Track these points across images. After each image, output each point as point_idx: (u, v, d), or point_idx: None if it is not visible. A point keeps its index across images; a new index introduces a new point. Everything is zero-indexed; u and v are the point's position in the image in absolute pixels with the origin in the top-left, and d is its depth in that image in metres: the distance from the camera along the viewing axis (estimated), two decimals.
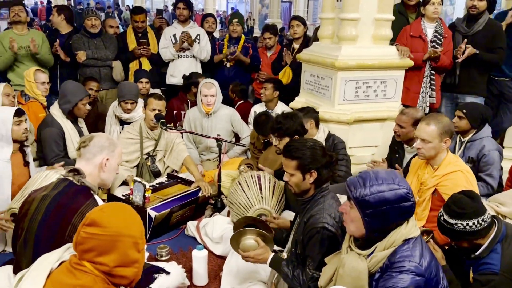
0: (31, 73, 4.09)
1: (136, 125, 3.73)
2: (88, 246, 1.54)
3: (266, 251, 2.23)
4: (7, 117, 2.86)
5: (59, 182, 2.12)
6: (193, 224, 3.22)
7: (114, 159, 2.23)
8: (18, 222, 2.14)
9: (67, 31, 4.93)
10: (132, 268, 1.60)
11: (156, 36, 5.17)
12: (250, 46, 5.16)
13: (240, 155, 4.33)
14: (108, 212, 1.60)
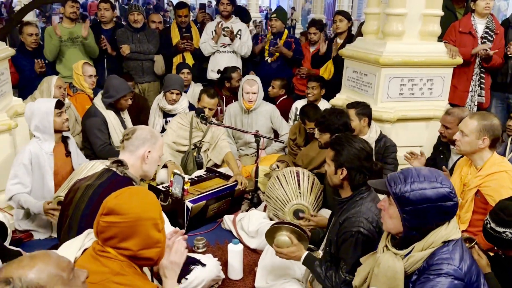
0: (79, 66, 4.26)
1: (188, 115, 3.83)
2: (109, 234, 1.56)
3: (299, 250, 2.21)
4: (49, 109, 2.94)
5: (103, 172, 2.19)
6: (230, 218, 3.25)
7: (156, 152, 2.27)
8: (63, 209, 2.24)
9: (111, 26, 5.09)
10: (155, 249, 1.61)
11: (199, 31, 5.23)
12: (292, 40, 5.11)
13: (278, 151, 4.31)
14: (124, 199, 1.60)
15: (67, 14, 4.72)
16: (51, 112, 2.94)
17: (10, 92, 3.53)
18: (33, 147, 2.96)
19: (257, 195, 3.53)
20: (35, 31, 4.62)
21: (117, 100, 3.67)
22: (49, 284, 1.18)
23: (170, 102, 4.15)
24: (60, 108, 3.02)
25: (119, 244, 1.56)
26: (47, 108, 2.94)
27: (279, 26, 5.09)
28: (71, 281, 1.24)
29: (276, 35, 5.09)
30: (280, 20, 5.09)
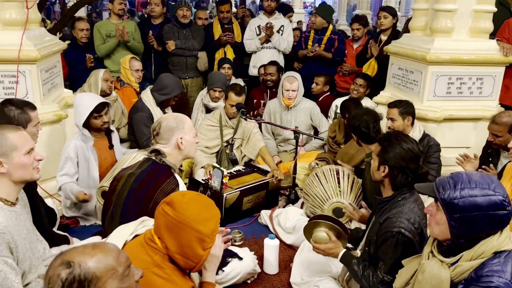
0: (127, 60, 4.40)
1: (216, 113, 3.85)
2: (159, 222, 1.63)
3: (337, 247, 2.19)
4: (83, 114, 3.02)
5: (143, 162, 2.27)
6: (267, 213, 3.26)
7: (188, 134, 2.33)
8: (107, 197, 2.34)
9: (159, 22, 5.21)
10: (189, 262, 1.62)
11: (241, 26, 5.26)
12: (336, 38, 5.02)
13: (317, 149, 4.27)
14: (187, 200, 1.63)
15: (115, 10, 4.88)
16: (86, 116, 3.02)
17: (61, 84, 3.71)
18: (77, 141, 3.10)
19: (294, 191, 3.52)
20: (86, 26, 4.82)
21: (169, 99, 3.77)
22: (104, 276, 1.22)
23: (214, 100, 4.21)
24: (100, 111, 3.08)
25: (163, 237, 1.61)
26: (84, 109, 3.02)
27: (319, 23, 5.01)
28: (126, 277, 1.28)
29: (320, 31, 5.03)
30: (320, 16, 5.01)
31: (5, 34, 3.01)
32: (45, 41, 3.33)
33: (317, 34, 5.04)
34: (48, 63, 3.34)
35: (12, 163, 1.75)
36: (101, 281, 1.22)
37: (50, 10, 12.92)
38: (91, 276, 1.20)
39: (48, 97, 3.31)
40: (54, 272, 1.19)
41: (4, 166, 1.73)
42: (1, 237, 1.65)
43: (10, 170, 1.75)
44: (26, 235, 1.83)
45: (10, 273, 1.66)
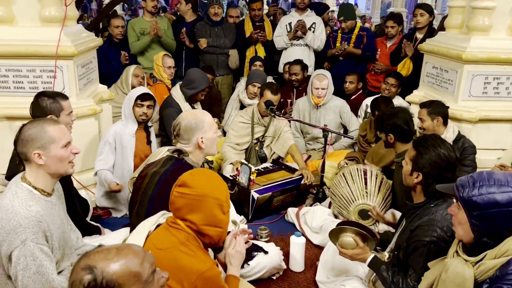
0: (160, 57, 4.50)
1: (249, 110, 3.87)
2: (179, 205, 1.72)
3: (365, 252, 2.17)
4: (131, 97, 3.21)
5: (167, 160, 2.34)
6: (293, 211, 3.26)
7: (208, 133, 2.36)
8: (133, 195, 2.43)
9: (191, 19, 5.28)
10: (217, 228, 1.74)
11: (272, 24, 5.26)
12: (365, 34, 4.94)
13: (346, 148, 4.22)
14: (196, 175, 1.77)
15: (148, 8, 4.97)
16: (133, 100, 3.18)
17: (96, 80, 3.82)
18: (118, 127, 3.24)
19: (322, 190, 3.50)
20: (122, 23, 4.94)
21: (197, 92, 3.82)
22: (127, 283, 1.19)
23: (251, 96, 4.24)
24: (143, 100, 3.22)
25: (186, 216, 1.70)
26: (131, 96, 3.20)
27: (350, 25, 4.94)
28: (149, 283, 1.25)
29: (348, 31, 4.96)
30: (349, 20, 4.93)
31: (44, 31, 3.13)
32: (81, 37, 3.44)
33: (345, 33, 4.97)
34: (84, 58, 3.44)
35: (49, 156, 1.80)
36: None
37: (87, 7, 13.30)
38: (113, 283, 1.17)
39: (84, 92, 3.42)
40: (77, 277, 1.18)
41: (42, 158, 1.79)
42: (38, 225, 1.73)
43: (47, 162, 1.81)
44: (60, 225, 1.91)
45: (45, 260, 1.74)
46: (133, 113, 3.23)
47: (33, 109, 2.55)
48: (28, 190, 1.80)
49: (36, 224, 1.72)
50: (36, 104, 2.53)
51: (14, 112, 3.14)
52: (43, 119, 1.96)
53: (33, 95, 3.12)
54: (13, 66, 3.13)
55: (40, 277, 1.72)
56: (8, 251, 1.69)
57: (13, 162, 2.61)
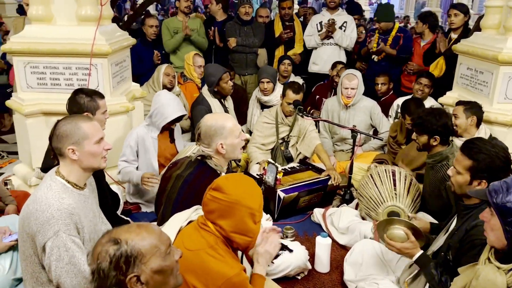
0: (190, 56, 4.58)
1: (272, 110, 3.88)
2: (211, 208, 1.72)
3: (415, 247, 2.10)
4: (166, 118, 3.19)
5: (191, 162, 2.36)
6: (320, 211, 3.24)
7: (229, 139, 2.32)
8: (158, 196, 2.47)
9: (222, 19, 5.33)
10: (245, 237, 1.73)
11: (302, 24, 5.25)
12: (402, 35, 4.84)
13: (376, 149, 4.16)
14: (231, 181, 1.75)
15: (182, 8, 5.05)
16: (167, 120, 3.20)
17: (129, 78, 3.92)
18: (141, 131, 3.28)
19: (349, 191, 3.47)
20: (155, 23, 5.04)
21: (218, 85, 3.86)
22: (148, 253, 1.30)
23: (263, 93, 4.24)
24: (179, 120, 3.30)
25: (217, 220, 1.70)
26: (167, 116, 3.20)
27: (385, 27, 4.84)
28: (167, 255, 1.35)
29: (385, 31, 4.87)
30: (383, 22, 4.84)
31: (81, 29, 3.24)
32: (116, 36, 3.54)
33: (382, 34, 4.87)
34: (118, 57, 3.54)
35: (83, 151, 1.86)
36: (145, 258, 1.29)
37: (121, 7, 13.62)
38: (137, 252, 1.28)
39: (117, 90, 3.52)
40: (102, 248, 1.28)
41: (75, 153, 1.85)
42: (70, 217, 1.79)
43: (80, 157, 1.87)
44: (92, 218, 1.97)
45: (77, 252, 1.80)
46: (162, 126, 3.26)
47: (70, 105, 2.64)
48: (61, 184, 1.86)
49: (68, 216, 1.78)
50: (74, 101, 2.62)
51: (51, 108, 3.26)
52: (77, 116, 2.02)
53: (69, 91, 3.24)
54: (50, 64, 3.25)
55: (72, 267, 1.79)
56: (42, 241, 1.76)
57: (48, 156, 2.72)
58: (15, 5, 11.61)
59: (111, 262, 1.25)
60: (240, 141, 2.39)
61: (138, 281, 1.29)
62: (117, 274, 1.26)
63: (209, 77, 3.90)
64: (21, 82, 3.30)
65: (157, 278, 1.32)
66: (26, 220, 1.81)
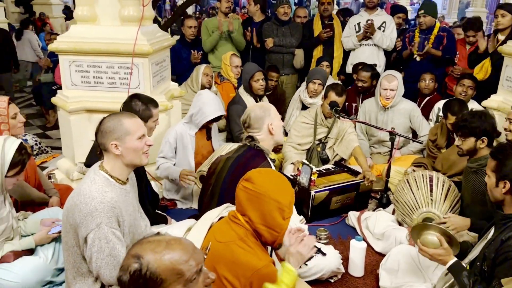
0: (228, 57, 4.62)
1: (312, 111, 3.85)
2: (241, 198, 1.75)
3: (448, 254, 2.05)
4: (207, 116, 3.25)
5: (239, 147, 2.52)
6: (355, 214, 3.19)
7: (275, 120, 2.54)
8: (207, 179, 2.58)
9: (260, 19, 5.35)
10: (273, 231, 1.73)
11: (342, 24, 5.18)
12: (445, 35, 4.68)
13: (415, 153, 4.05)
14: (264, 174, 1.78)
15: (222, 8, 5.11)
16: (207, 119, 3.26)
17: (169, 77, 4.00)
18: (180, 128, 3.35)
19: (386, 195, 3.39)
20: (194, 24, 5.13)
21: (249, 83, 3.89)
22: (169, 279, 1.23)
23: (312, 94, 4.22)
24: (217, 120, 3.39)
25: (246, 211, 1.74)
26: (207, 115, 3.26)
27: (429, 22, 4.68)
28: (192, 282, 1.26)
29: (426, 30, 4.74)
30: (429, 15, 4.68)
31: (123, 29, 3.33)
32: (156, 36, 3.62)
33: (423, 33, 4.73)
34: (158, 57, 3.62)
35: (125, 147, 1.93)
36: (165, 283, 1.23)
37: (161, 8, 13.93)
38: (156, 277, 1.22)
39: (157, 89, 3.60)
40: (126, 262, 1.25)
41: (118, 148, 1.92)
42: (112, 210, 1.86)
43: (123, 152, 1.93)
44: (132, 212, 2.03)
45: (117, 244, 1.86)
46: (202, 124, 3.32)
47: (124, 109, 2.71)
48: (105, 178, 1.93)
49: (110, 209, 1.85)
50: (129, 106, 2.71)
51: (93, 105, 3.38)
52: (121, 113, 2.12)
53: (111, 90, 3.36)
54: (94, 62, 3.37)
55: (112, 259, 1.85)
56: (85, 233, 1.83)
57: (93, 151, 2.82)
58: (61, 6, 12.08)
59: (131, 278, 1.23)
60: (282, 126, 2.62)
61: None
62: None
63: (244, 74, 4.02)
64: (66, 80, 3.44)
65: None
66: (70, 212, 1.89)
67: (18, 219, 2.44)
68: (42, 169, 3.77)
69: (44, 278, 2.33)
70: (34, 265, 2.29)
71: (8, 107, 2.62)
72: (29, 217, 2.54)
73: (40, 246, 2.38)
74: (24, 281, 2.24)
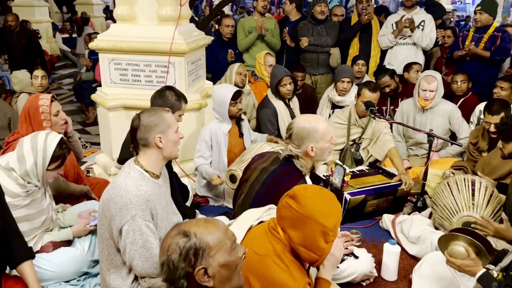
0: (262, 56, 4.63)
1: (346, 111, 3.79)
2: (283, 215, 1.69)
3: (476, 265, 1.98)
4: (225, 99, 3.30)
5: (278, 159, 2.39)
6: (389, 217, 3.12)
7: (320, 143, 2.31)
8: (240, 185, 2.54)
9: (296, 18, 5.32)
10: (313, 254, 1.66)
11: (380, 24, 5.08)
12: (499, 35, 4.46)
13: (454, 156, 3.91)
14: (311, 193, 1.68)
15: (259, 8, 5.11)
16: (226, 102, 3.30)
17: (203, 76, 4.05)
18: (214, 126, 3.38)
19: (423, 199, 3.29)
20: (231, 23, 5.16)
21: (277, 88, 3.86)
22: (216, 246, 1.34)
23: (341, 92, 4.16)
24: (236, 99, 3.34)
25: (287, 229, 1.67)
26: (224, 97, 3.30)
27: (485, 20, 4.48)
28: (233, 251, 1.38)
29: (482, 29, 4.54)
30: (486, 13, 4.47)
31: (161, 29, 3.40)
32: (193, 35, 3.67)
33: (478, 32, 4.53)
34: (194, 56, 3.67)
35: (167, 139, 2.00)
36: (213, 251, 1.33)
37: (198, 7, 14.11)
38: (205, 245, 1.32)
39: (192, 87, 3.65)
40: (172, 241, 1.33)
41: (162, 141, 1.99)
42: (146, 203, 1.90)
43: (165, 145, 2.00)
44: (164, 206, 2.07)
45: (151, 236, 1.91)
46: (227, 113, 3.33)
47: (156, 97, 2.82)
48: (139, 172, 1.98)
49: (145, 203, 1.89)
50: (162, 94, 2.80)
51: (131, 102, 3.46)
52: (156, 108, 2.18)
53: (148, 88, 3.44)
54: (132, 61, 3.45)
55: (145, 251, 1.89)
56: (119, 225, 1.89)
57: (124, 148, 2.89)
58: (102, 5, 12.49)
59: (180, 254, 1.30)
60: (330, 145, 2.37)
61: (205, 273, 1.33)
62: (186, 266, 1.30)
63: (272, 78, 3.96)
64: (105, 77, 3.54)
65: (223, 272, 1.35)
66: (106, 205, 1.94)
67: (57, 211, 2.54)
68: (81, 163, 3.89)
69: (81, 269, 2.41)
70: (71, 256, 2.37)
71: (50, 104, 2.72)
72: (67, 210, 2.64)
73: (77, 238, 2.47)
74: (62, 270, 2.32)
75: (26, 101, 2.77)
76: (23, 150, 2.17)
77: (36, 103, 2.70)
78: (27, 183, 2.17)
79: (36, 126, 2.66)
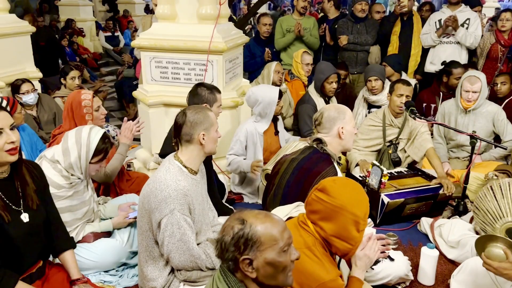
0: (299, 54, 4.61)
1: (379, 113, 3.70)
2: (314, 208, 1.72)
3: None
4: (273, 100, 3.31)
5: (305, 149, 2.44)
6: (428, 221, 3.03)
7: (348, 124, 2.43)
8: (271, 179, 2.56)
9: (334, 16, 5.27)
10: (346, 244, 1.69)
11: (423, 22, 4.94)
12: None
13: (497, 159, 3.74)
14: (339, 184, 1.72)
15: (298, 7, 5.10)
16: (275, 102, 3.32)
17: (240, 74, 4.08)
18: (250, 127, 3.39)
19: (463, 203, 3.18)
20: (269, 21, 5.17)
21: (323, 84, 3.83)
22: (267, 243, 1.36)
23: (372, 92, 4.08)
24: (280, 98, 3.38)
25: (318, 222, 1.70)
26: (272, 98, 3.32)
27: None
28: (283, 252, 1.38)
29: None
30: None
31: (200, 27, 3.45)
32: (231, 34, 3.70)
33: None
34: (232, 54, 3.70)
35: (209, 137, 2.07)
36: (263, 246, 1.35)
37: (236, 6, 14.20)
38: (257, 238, 1.35)
39: (229, 85, 3.69)
40: (229, 223, 1.38)
41: (204, 138, 2.05)
42: (184, 198, 1.95)
43: (207, 142, 2.06)
44: (201, 202, 2.12)
45: (188, 230, 1.96)
46: (273, 113, 3.36)
47: (191, 96, 2.88)
48: (178, 167, 2.04)
49: (183, 197, 1.94)
50: (196, 92, 2.86)
51: (171, 99, 3.54)
52: (200, 106, 2.23)
53: (187, 85, 3.50)
54: (172, 59, 3.53)
55: (182, 244, 1.94)
56: (159, 218, 1.94)
57: (167, 143, 2.96)
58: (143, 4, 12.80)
59: (232, 238, 1.35)
60: (354, 133, 2.49)
61: (250, 264, 1.36)
62: (235, 251, 1.35)
63: (318, 74, 3.92)
64: (146, 75, 3.64)
65: (267, 269, 1.37)
66: (146, 198, 2.01)
67: (99, 203, 2.64)
68: None
69: (120, 260, 2.50)
70: (111, 247, 2.46)
71: (92, 100, 2.83)
72: (108, 202, 2.73)
73: (117, 230, 2.56)
74: (102, 260, 2.41)
75: (68, 97, 2.88)
76: (67, 143, 2.26)
77: (79, 98, 2.81)
78: (71, 175, 2.26)
79: (79, 121, 2.77)
